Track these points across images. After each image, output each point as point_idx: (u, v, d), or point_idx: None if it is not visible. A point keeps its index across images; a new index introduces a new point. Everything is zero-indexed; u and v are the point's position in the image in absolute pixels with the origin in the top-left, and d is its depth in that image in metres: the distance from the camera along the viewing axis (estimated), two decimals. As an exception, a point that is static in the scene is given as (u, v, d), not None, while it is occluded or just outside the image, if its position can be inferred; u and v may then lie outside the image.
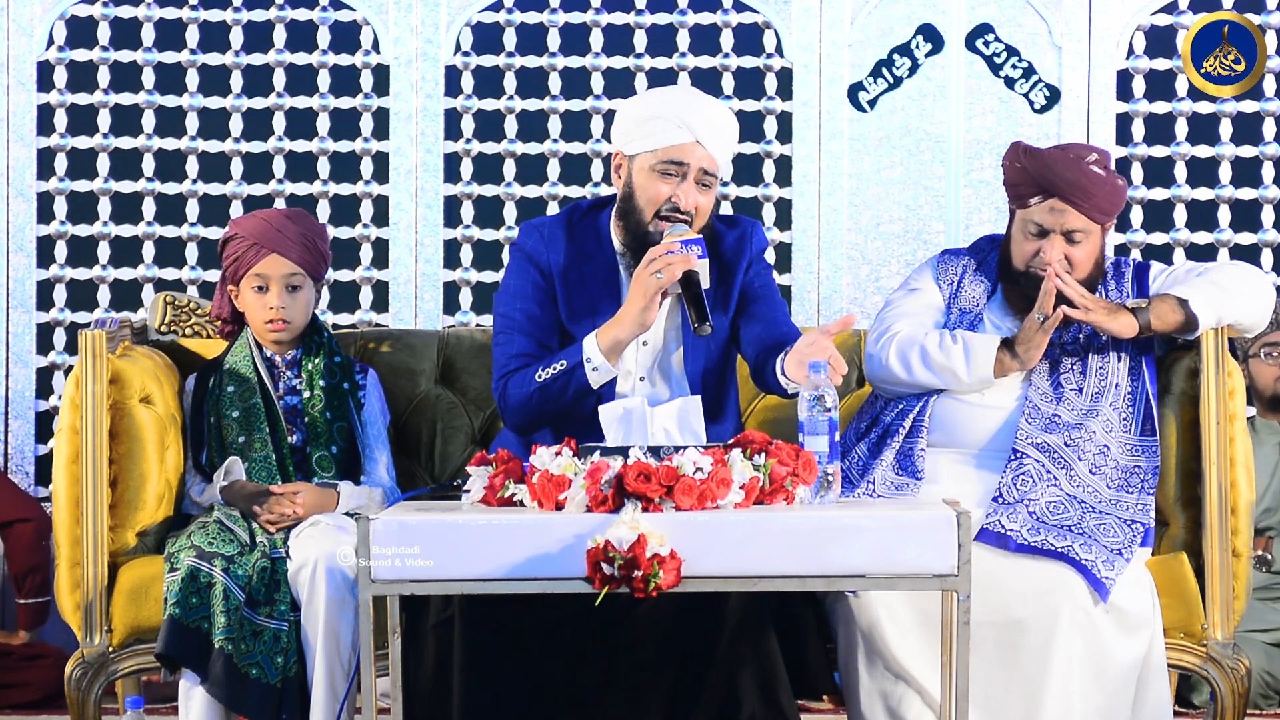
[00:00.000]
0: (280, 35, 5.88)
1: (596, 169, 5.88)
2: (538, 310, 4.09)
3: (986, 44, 5.82)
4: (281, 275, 4.33)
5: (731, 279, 4.11)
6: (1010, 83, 5.81)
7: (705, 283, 3.91)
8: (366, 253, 5.86)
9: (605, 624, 3.72)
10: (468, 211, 5.87)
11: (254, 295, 4.34)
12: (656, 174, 4.01)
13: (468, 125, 5.86)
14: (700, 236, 3.93)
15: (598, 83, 5.86)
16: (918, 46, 5.83)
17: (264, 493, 4.17)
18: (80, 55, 5.84)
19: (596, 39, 5.87)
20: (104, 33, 5.85)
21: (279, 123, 5.87)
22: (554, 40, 5.87)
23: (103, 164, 5.85)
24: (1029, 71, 5.81)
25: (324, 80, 5.87)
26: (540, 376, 3.97)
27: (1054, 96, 5.80)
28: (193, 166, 5.86)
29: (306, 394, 4.34)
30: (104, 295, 5.85)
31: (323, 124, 5.87)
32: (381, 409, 4.44)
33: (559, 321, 4.08)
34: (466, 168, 5.87)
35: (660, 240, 3.93)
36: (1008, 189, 4.20)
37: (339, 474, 4.29)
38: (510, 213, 5.85)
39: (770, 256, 4.32)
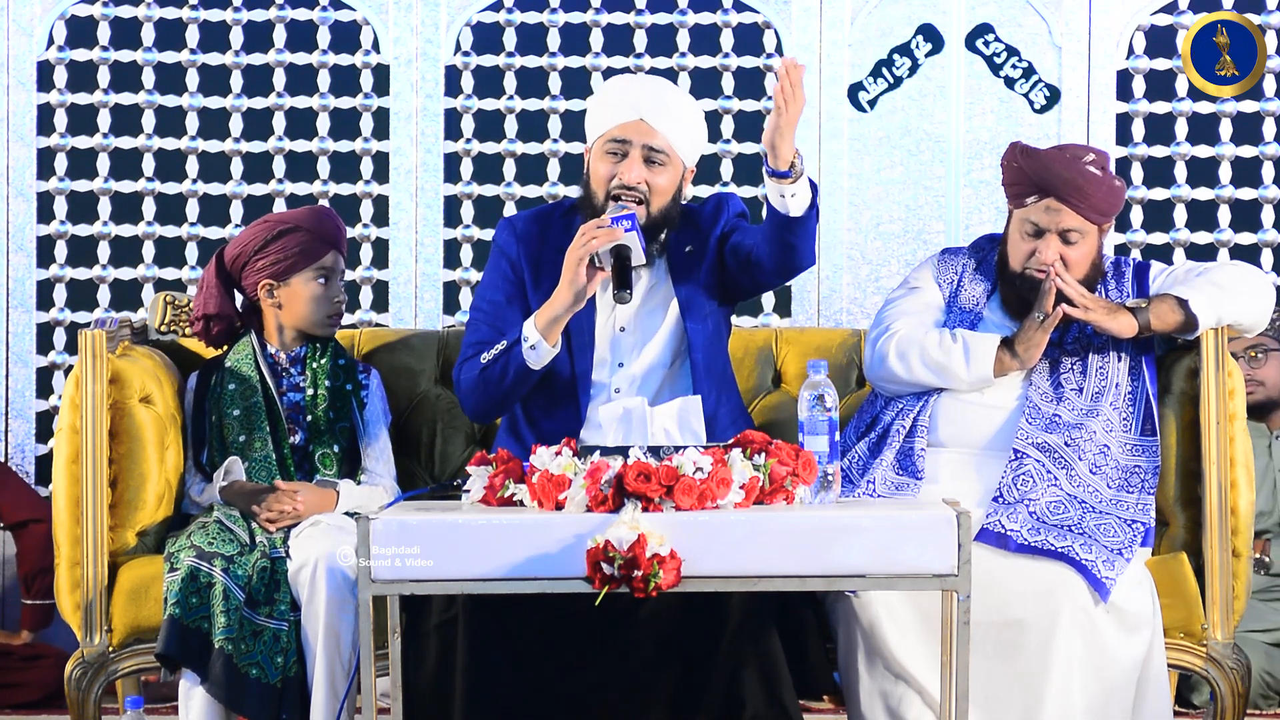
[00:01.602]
0: (280, 35, 5.87)
1: (596, 169, 5.87)
2: (502, 300, 4.12)
3: (986, 44, 5.81)
4: (339, 269, 4.37)
5: (709, 241, 4.13)
6: (1010, 83, 5.81)
7: (639, 259, 3.92)
8: (366, 253, 5.85)
9: (608, 625, 3.72)
10: (468, 211, 5.86)
11: (316, 288, 4.34)
12: (606, 155, 4.04)
13: (468, 125, 5.86)
14: (633, 213, 3.92)
15: (598, 83, 5.85)
16: (918, 46, 5.82)
17: (264, 491, 4.16)
18: (80, 55, 5.84)
19: (596, 39, 5.87)
20: (104, 33, 5.84)
21: (279, 123, 5.87)
22: (554, 40, 5.87)
23: (103, 164, 5.85)
24: (1029, 71, 5.80)
25: (324, 80, 5.87)
26: (484, 359, 4.00)
27: (1054, 96, 5.80)
28: (193, 166, 5.86)
29: (310, 392, 4.33)
30: (104, 295, 5.85)
31: (323, 124, 5.87)
32: (384, 409, 4.44)
33: (527, 312, 4.08)
34: (466, 168, 5.86)
35: None
36: (1005, 189, 4.21)
37: (340, 473, 4.29)
38: (510, 213, 5.85)
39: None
